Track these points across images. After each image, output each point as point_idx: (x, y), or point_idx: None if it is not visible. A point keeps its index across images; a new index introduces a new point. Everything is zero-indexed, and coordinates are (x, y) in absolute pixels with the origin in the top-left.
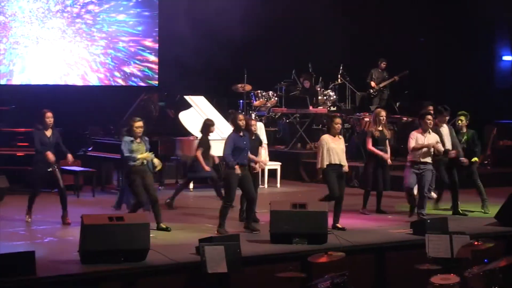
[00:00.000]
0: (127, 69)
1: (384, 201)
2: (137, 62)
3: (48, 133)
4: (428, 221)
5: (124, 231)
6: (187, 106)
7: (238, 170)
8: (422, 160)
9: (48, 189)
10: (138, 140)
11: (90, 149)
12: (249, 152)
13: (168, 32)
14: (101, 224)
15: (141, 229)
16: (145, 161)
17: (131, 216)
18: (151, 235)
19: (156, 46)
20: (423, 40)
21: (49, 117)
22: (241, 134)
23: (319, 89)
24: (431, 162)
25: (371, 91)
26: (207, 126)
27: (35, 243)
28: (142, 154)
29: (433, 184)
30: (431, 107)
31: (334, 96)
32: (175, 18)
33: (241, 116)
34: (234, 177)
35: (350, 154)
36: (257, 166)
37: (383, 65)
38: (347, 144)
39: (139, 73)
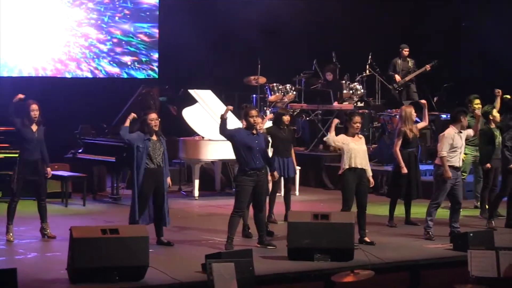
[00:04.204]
0: (123, 59)
1: (415, 210)
2: (135, 50)
3: (34, 128)
4: (471, 234)
5: (120, 246)
6: (192, 101)
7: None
8: (457, 165)
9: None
10: (154, 137)
11: (80, 151)
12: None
13: (170, 17)
14: (93, 238)
15: (139, 244)
16: (161, 163)
17: (128, 228)
18: (150, 250)
19: (157, 32)
20: (464, 24)
21: (34, 110)
22: (253, 132)
23: (344, 82)
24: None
25: (395, 86)
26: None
27: (17, 259)
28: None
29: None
30: (477, 101)
31: (362, 90)
32: (179, 3)
33: (253, 112)
34: (248, 183)
35: (380, 156)
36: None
37: (405, 52)
38: (376, 146)
39: (136, 64)
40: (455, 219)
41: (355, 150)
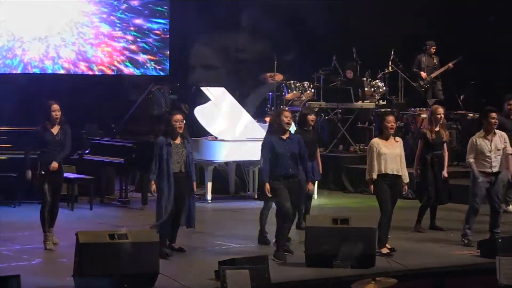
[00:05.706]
0: (131, 55)
1: (441, 214)
2: (144, 46)
3: (55, 130)
4: (499, 240)
5: (129, 252)
6: (205, 99)
7: (268, 188)
8: (490, 170)
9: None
10: (178, 140)
11: (87, 151)
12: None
13: (181, 11)
14: (100, 243)
15: (149, 249)
16: (184, 168)
17: (137, 233)
18: None
19: (167, 27)
20: (492, 19)
21: (56, 110)
22: (284, 136)
23: (365, 79)
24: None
25: (421, 83)
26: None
27: (21, 265)
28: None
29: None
30: None
31: (384, 88)
32: None
33: (287, 113)
34: (279, 185)
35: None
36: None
37: (432, 49)
38: None
39: (146, 60)
40: (494, 223)
41: (387, 155)
